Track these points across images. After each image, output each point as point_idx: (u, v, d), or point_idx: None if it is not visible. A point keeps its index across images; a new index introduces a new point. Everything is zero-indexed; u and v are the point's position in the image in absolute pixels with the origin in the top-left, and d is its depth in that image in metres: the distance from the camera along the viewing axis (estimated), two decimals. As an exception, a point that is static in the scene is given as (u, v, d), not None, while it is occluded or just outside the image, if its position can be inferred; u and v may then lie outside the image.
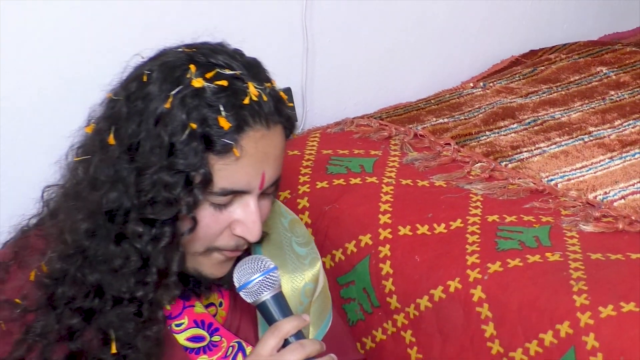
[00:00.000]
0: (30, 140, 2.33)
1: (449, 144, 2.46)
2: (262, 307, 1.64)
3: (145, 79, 1.57)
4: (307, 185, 2.30)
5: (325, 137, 2.50)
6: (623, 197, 2.23)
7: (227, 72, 1.58)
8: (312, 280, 1.90)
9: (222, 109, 1.53)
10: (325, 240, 2.15)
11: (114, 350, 1.57)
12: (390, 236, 2.12)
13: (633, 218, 2.11)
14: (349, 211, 2.21)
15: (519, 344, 1.88)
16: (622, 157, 2.44)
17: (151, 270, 1.57)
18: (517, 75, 3.03)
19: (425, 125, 2.60)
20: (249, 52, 1.68)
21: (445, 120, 2.67)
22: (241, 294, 1.65)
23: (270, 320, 1.64)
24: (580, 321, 1.81)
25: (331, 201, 2.24)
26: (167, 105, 1.53)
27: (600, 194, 2.24)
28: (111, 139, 1.57)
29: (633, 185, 2.30)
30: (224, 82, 1.55)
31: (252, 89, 1.56)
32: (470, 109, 2.76)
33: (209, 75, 1.56)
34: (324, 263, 2.11)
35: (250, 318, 1.82)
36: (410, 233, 2.11)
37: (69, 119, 1.97)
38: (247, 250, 1.72)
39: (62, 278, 1.58)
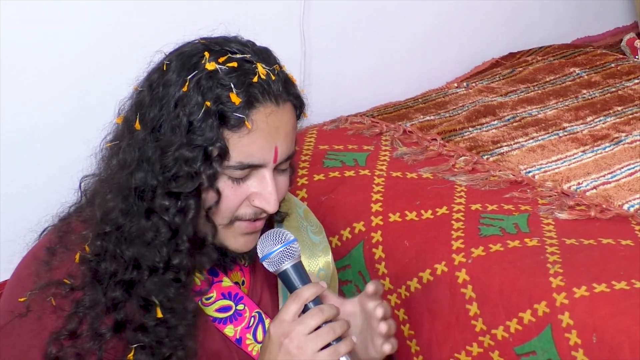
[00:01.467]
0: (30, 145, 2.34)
1: (435, 139, 2.47)
2: (283, 275, 1.67)
3: (165, 68, 1.62)
4: (305, 178, 2.30)
5: (322, 133, 2.50)
6: (595, 187, 2.24)
7: (238, 56, 1.62)
8: (325, 267, 1.96)
9: (232, 86, 1.57)
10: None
11: (159, 314, 1.61)
12: (381, 223, 2.13)
13: (604, 206, 2.12)
14: (343, 201, 2.21)
15: (500, 322, 1.89)
16: (593, 151, 2.45)
17: (182, 239, 1.61)
18: (497, 76, 3.03)
19: (413, 122, 2.61)
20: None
21: (432, 117, 2.67)
22: (264, 263, 1.68)
23: (291, 288, 1.66)
24: (556, 301, 1.82)
25: (327, 192, 2.25)
26: (185, 89, 1.58)
27: (574, 185, 2.25)
28: (137, 125, 1.61)
29: (604, 176, 2.30)
30: (234, 64, 1.59)
31: (261, 69, 1.61)
32: (454, 107, 2.76)
33: (221, 59, 1.60)
34: (323, 248, 2.14)
35: (270, 292, 1.87)
36: (400, 219, 2.12)
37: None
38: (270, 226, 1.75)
39: (103, 254, 1.62)
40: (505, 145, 2.48)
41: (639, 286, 1.79)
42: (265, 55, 1.68)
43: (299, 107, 1.69)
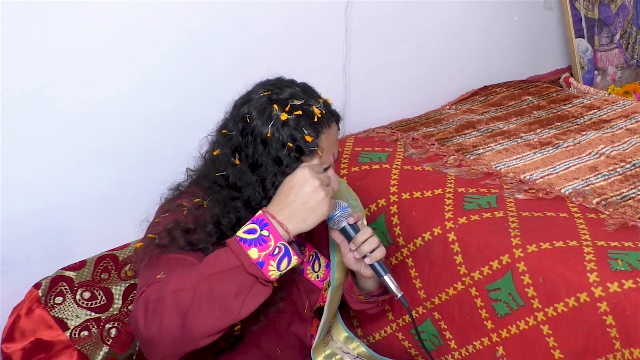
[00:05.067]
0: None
1: (434, 144, 2.45)
2: (343, 230, 1.69)
3: (248, 120, 1.61)
4: (346, 170, 2.30)
5: (357, 139, 2.50)
6: (542, 177, 2.22)
7: (297, 102, 1.61)
8: (364, 220, 1.97)
9: (305, 130, 1.58)
10: (357, 203, 2.17)
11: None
12: (397, 200, 2.12)
13: (548, 190, 2.10)
14: (371, 185, 2.21)
15: (477, 268, 1.89)
16: (541, 152, 2.42)
17: None
18: (476, 102, 3.01)
19: (419, 132, 2.59)
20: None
21: (432, 129, 2.65)
22: (329, 224, 1.70)
23: (349, 238, 1.69)
24: (515, 254, 1.81)
25: (360, 179, 2.24)
26: (269, 135, 1.58)
27: (527, 175, 2.23)
28: (237, 161, 1.62)
29: (547, 169, 2.28)
30: (300, 112, 1.59)
31: (316, 110, 1.62)
32: (447, 122, 2.74)
33: (287, 108, 1.60)
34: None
35: (324, 241, 1.89)
36: (409, 197, 2.11)
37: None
38: None
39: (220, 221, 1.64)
40: (482, 148, 2.46)
41: (571, 244, 1.79)
42: (311, 92, 1.68)
43: (337, 120, 1.70)
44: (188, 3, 2.21)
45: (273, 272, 1.45)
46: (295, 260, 1.47)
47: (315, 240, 1.89)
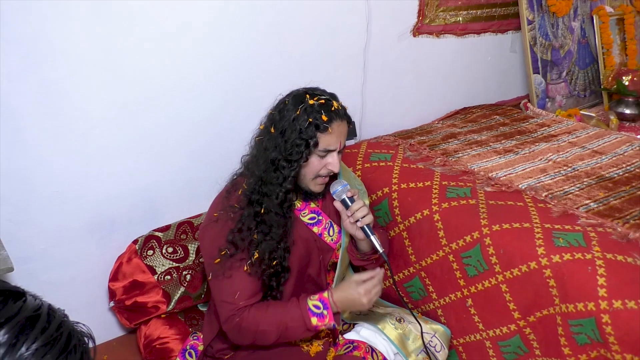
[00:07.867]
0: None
1: (426, 148, 2.43)
2: (343, 201, 1.71)
3: (286, 102, 1.65)
4: (361, 165, 2.28)
5: (369, 144, 2.48)
6: (505, 176, 2.18)
7: (324, 97, 1.65)
8: (366, 199, 1.99)
9: (323, 112, 1.61)
10: (368, 190, 2.15)
11: (263, 211, 1.64)
12: (397, 188, 2.10)
13: (509, 185, 2.08)
14: (379, 177, 2.19)
15: (454, 241, 1.88)
16: (504, 157, 2.38)
17: (288, 181, 1.64)
18: (457, 118, 2.97)
19: (415, 140, 2.56)
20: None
21: (424, 138, 2.62)
22: (333, 196, 1.72)
23: (346, 206, 1.71)
24: (483, 231, 1.80)
25: (371, 173, 2.23)
26: (298, 113, 1.61)
27: (494, 174, 2.20)
28: (272, 130, 1.64)
29: (509, 170, 2.25)
30: (323, 101, 1.63)
31: (335, 104, 1.65)
32: (435, 133, 2.71)
33: (315, 99, 1.63)
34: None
35: (335, 212, 1.86)
36: (406, 187, 2.09)
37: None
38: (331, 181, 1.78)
39: (254, 191, 1.66)
40: (461, 153, 2.42)
41: (525, 226, 1.77)
42: (335, 97, 1.70)
43: (349, 122, 1.70)
44: (254, 42, 2.22)
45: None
46: (333, 324, 1.64)
47: (331, 214, 1.89)
